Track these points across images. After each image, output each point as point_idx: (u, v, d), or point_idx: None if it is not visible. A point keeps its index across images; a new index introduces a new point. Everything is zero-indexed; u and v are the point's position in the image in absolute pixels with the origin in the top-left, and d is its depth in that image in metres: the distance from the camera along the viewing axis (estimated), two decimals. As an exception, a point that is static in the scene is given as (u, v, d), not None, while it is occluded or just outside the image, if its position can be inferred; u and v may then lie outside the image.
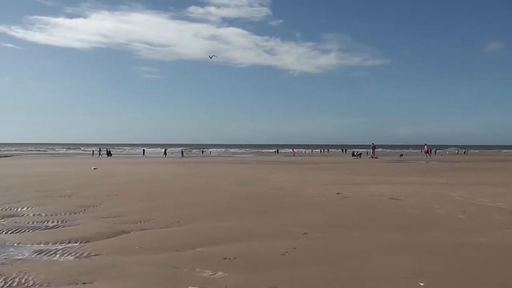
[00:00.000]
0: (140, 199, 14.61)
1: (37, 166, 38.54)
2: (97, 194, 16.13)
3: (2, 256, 7.51)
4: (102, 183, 20.37)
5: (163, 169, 32.98)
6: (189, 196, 15.59)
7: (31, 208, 12.87)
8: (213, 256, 7.18)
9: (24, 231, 9.74)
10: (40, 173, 27.62)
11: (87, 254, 7.56)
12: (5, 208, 13.00)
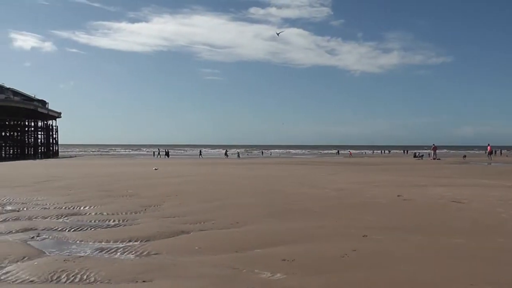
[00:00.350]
0: (200, 200, 14.92)
1: (99, 167, 39.92)
2: (157, 194, 16.59)
3: (65, 253, 7.92)
4: (163, 184, 20.91)
5: (223, 170, 33.40)
6: (248, 197, 15.78)
7: (93, 207, 13.43)
8: (272, 258, 7.28)
9: (87, 229, 10.19)
10: (102, 174, 28.63)
11: (147, 253, 7.83)
12: (68, 207, 13.64)
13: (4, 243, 8.57)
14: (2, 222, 11.23)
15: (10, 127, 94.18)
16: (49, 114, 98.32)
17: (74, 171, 31.56)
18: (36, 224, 10.70)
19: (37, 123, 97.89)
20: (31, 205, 14.09)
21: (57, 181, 22.59)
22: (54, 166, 42.34)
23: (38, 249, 8.20)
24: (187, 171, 31.93)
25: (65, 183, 21.06)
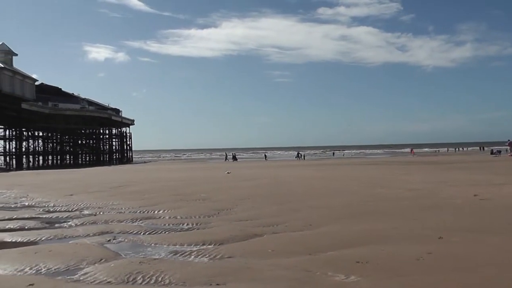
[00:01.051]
0: (272, 202, 14.93)
1: (172, 172, 40.73)
2: (230, 197, 16.74)
3: (140, 255, 8.10)
4: (235, 187, 21.08)
5: (293, 172, 33.27)
6: (320, 198, 15.65)
7: (167, 211, 13.71)
8: (346, 260, 7.18)
9: (161, 233, 10.41)
10: (175, 178, 29.19)
11: (221, 256, 7.87)
12: (143, 210, 14.01)
13: (82, 246, 8.85)
14: (80, 225, 11.67)
15: (86, 135, 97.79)
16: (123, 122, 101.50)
17: (148, 176, 32.32)
18: (112, 228, 11.03)
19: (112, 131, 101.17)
20: (107, 210, 14.55)
21: (132, 186, 23.21)
22: (128, 171, 43.56)
23: (114, 251, 8.43)
24: (259, 174, 32.06)
25: (139, 188, 21.61)
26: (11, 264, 7.58)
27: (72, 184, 25.89)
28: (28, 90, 65.17)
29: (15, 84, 60.91)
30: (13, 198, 19.26)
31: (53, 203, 16.64)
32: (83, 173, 42.22)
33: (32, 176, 37.80)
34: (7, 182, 30.43)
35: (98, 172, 43.91)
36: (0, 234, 10.75)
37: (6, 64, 59.71)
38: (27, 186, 25.22)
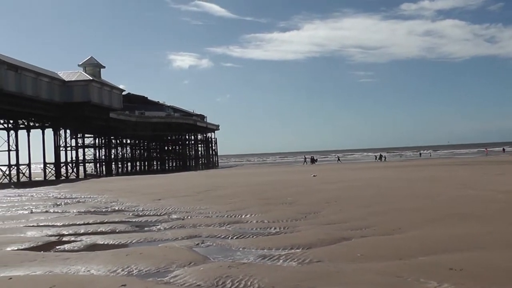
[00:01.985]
0: (359, 205, 14.69)
1: (257, 175, 40.98)
2: (316, 201, 16.59)
3: (229, 260, 8.15)
4: (321, 190, 20.87)
5: (378, 174, 32.65)
6: (408, 201, 15.23)
7: (254, 215, 13.78)
8: (438, 266, 6.91)
9: (249, 237, 10.45)
10: (261, 182, 29.33)
11: (309, 261, 7.80)
12: (230, 215, 14.15)
13: (172, 249, 9.03)
14: (169, 229, 11.94)
15: (172, 141, 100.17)
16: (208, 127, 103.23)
17: (234, 181, 32.66)
18: (200, 232, 11.19)
19: (197, 136, 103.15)
20: (194, 214, 14.82)
21: (218, 190, 23.52)
22: (214, 176, 44.20)
23: (203, 255, 8.54)
24: (344, 176, 31.70)
25: (226, 192, 21.87)
26: (104, 265, 7.86)
27: (160, 189, 26.58)
28: (115, 100, 67.61)
29: (103, 95, 63.37)
30: (104, 203, 20.02)
31: (142, 208, 17.15)
32: (170, 178, 43.26)
33: (121, 182, 39.16)
34: (98, 187, 31.71)
35: (184, 177, 44.85)
36: (93, 237, 11.21)
37: (95, 76, 62.22)
38: (116, 192, 26.16)
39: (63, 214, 16.45)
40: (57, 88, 57.91)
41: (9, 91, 48.82)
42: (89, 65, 63.36)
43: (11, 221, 15.13)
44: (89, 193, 26.48)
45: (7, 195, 28.26)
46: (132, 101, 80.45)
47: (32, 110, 55.12)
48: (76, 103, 59.01)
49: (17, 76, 50.43)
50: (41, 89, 54.38)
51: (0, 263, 8.36)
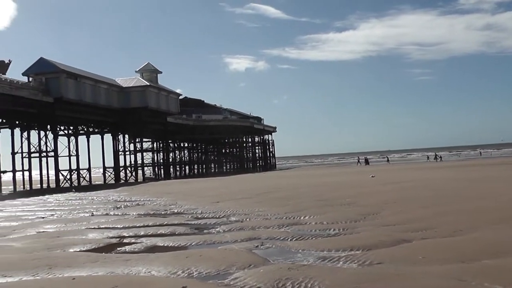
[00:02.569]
0: (418, 206, 14.39)
1: (315, 177, 40.80)
2: (375, 202, 16.36)
3: (289, 261, 8.12)
4: (380, 191, 20.60)
5: (436, 174, 31.94)
6: (468, 202, 14.76)
7: (312, 217, 13.68)
8: (504, 271, 6.63)
9: (308, 238, 10.38)
10: (318, 183, 29.17)
11: (370, 262, 7.67)
12: (288, 216, 14.10)
13: (231, 251, 9.06)
14: (228, 231, 11.99)
15: (230, 144, 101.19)
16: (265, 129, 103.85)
17: (291, 182, 32.59)
18: (259, 234, 11.19)
19: (254, 139, 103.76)
20: (253, 216, 14.84)
21: (276, 192, 23.51)
22: (272, 178, 44.26)
23: (262, 257, 8.51)
24: (402, 177, 31.12)
25: (284, 194, 21.82)
26: (164, 267, 7.95)
27: (218, 191, 26.80)
28: (173, 104, 68.66)
29: (160, 99, 64.49)
30: (163, 205, 20.34)
31: (200, 210, 17.32)
32: (228, 180, 43.55)
33: (179, 185, 39.70)
34: (156, 190, 32.25)
35: (242, 179, 45.09)
36: (152, 239, 11.39)
37: (152, 81, 63.38)
38: (175, 194, 26.54)
39: (123, 217, 16.81)
40: (115, 94, 59.36)
41: (69, 99, 50.41)
42: (146, 71, 64.62)
43: (73, 223, 15.58)
44: (148, 196, 26.97)
45: (69, 199, 29.12)
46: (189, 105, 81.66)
47: (91, 116, 56.77)
48: (134, 108, 60.34)
49: (77, 84, 52.02)
50: (99, 95, 55.90)
51: (64, 263, 8.59)
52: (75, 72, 53.24)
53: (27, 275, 7.99)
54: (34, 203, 27.49)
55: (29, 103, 47.07)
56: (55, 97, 49.24)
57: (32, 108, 47.62)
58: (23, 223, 16.54)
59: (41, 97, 48.10)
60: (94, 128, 63.13)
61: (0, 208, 24.33)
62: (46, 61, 50.78)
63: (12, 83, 45.30)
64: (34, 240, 12.37)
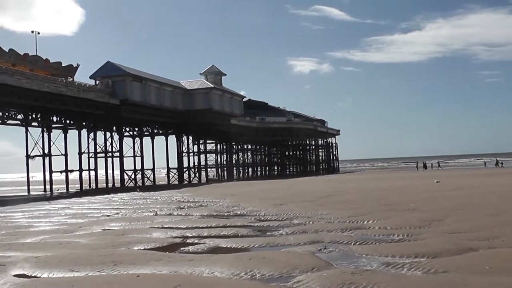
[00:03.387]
0: (484, 214, 14.05)
1: (378, 180, 40.30)
2: (440, 208, 16.07)
3: (352, 266, 8.06)
4: (445, 197, 20.23)
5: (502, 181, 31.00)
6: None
7: (376, 221, 13.55)
8: None
9: (371, 243, 10.28)
10: (382, 187, 28.81)
11: (435, 271, 7.51)
12: (352, 220, 14.01)
13: (294, 254, 9.06)
14: (291, 234, 12.00)
15: (293, 146, 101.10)
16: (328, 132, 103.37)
17: (355, 186, 32.33)
18: (322, 237, 11.15)
19: (318, 141, 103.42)
20: (316, 219, 14.81)
21: (339, 196, 23.36)
22: (335, 181, 44.01)
23: (325, 261, 8.49)
24: (468, 183, 30.39)
25: (347, 198, 21.68)
26: (227, 268, 8.04)
27: (281, 194, 26.85)
28: (236, 106, 69.21)
29: (224, 102, 65.13)
30: (226, 207, 20.51)
31: (263, 212, 17.38)
32: (291, 183, 43.55)
33: (242, 187, 39.98)
34: (219, 192, 32.56)
35: (305, 182, 44.98)
36: (216, 240, 11.52)
37: (216, 84, 64.08)
38: (238, 196, 26.73)
39: (186, 217, 17.05)
40: (180, 96, 60.34)
41: (134, 101, 51.68)
42: (211, 73, 65.37)
43: (137, 222, 15.95)
44: (211, 197, 27.26)
45: (133, 198, 29.78)
46: (252, 107, 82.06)
47: (156, 118, 57.88)
48: (198, 110, 61.17)
49: (142, 86, 53.24)
50: (164, 98, 56.99)
51: (128, 261, 8.82)
52: (141, 75, 54.48)
53: (93, 270, 8.28)
54: (99, 201, 28.31)
55: (96, 105, 48.57)
56: (121, 99, 50.58)
57: (98, 110, 49.08)
58: (89, 221, 17.08)
59: (107, 99, 49.52)
60: (158, 130, 64.33)
61: (67, 206, 25.17)
62: (113, 65, 52.25)
63: (80, 86, 46.89)
64: (100, 237, 12.78)
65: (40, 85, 40.94)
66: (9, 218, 19.84)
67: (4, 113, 45.32)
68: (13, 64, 40.70)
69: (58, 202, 29.05)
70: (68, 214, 20.16)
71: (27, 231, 14.97)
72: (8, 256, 10.13)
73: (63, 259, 9.29)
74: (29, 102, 41.69)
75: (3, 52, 40.52)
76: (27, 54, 43.68)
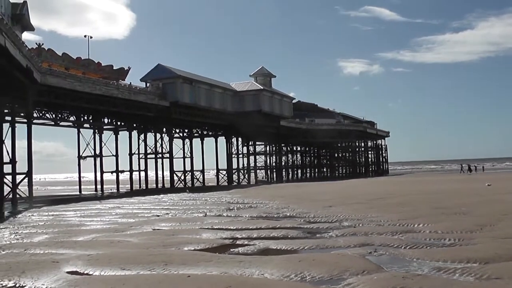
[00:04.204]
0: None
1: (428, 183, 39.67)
2: (492, 212, 15.78)
3: (403, 270, 7.97)
4: (497, 200, 19.88)
5: None
6: None
7: (427, 225, 13.33)
8: None
9: (422, 247, 10.14)
10: (432, 190, 28.37)
11: (487, 277, 7.35)
12: (402, 223, 13.84)
13: (344, 257, 9.04)
14: (341, 236, 11.96)
15: (342, 148, 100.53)
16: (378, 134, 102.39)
17: (404, 188, 31.95)
18: (372, 240, 11.09)
19: (367, 143, 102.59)
20: (366, 221, 14.72)
21: (389, 198, 23.13)
22: (384, 183, 43.55)
23: (376, 264, 8.44)
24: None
25: (397, 200, 21.44)
26: (277, 269, 8.06)
27: (330, 196, 26.74)
28: (286, 108, 69.19)
29: (274, 103, 65.21)
30: (275, 208, 20.56)
31: (313, 214, 17.35)
32: (340, 185, 43.33)
33: (291, 188, 39.98)
34: (268, 193, 32.65)
35: (355, 184, 44.68)
36: (265, 241, 11.56)
37: (265, 85, 64.25)
38: (287, 198, 26.76)
39: (236, 218, 17.16)
40: (229, 98, 60.71)
41: (184, 103, 52.26)
42: (260, 75, 65.58)
43: (187, 222, 16.13)
44: (260, 198, 27.36)
45: (183, 199, 30.13)
46: (302, 109, 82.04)
47: (206, 120, 58.36)
48: (248, 112, 61.37)
49: (192, 88, 53.78)
50: (214, 99, 57.43)
51: (179, 261, 8.95)
52: (191, 77, 55.08)
53: (144, 269, 8.43)
54: (149, 201, 28.76)
55: (146, 107, 49.34)
56: (171, 101, 51.22)
57: (149, 112, 49.80)
58: (140, 220, 17.38)
59: (157, 101, 50.25)
60: (208, 131, 64.93)
61: (118, 205, 25.69)
62: (163, 67, 53.00)
63: (131, 88, 47.74)
64: (150, 236, 13.00)
65: (92, 88, 41.88)
66: (62, 216, 20.39)
67: (57, 115, 46.65)
68: (66, 67, 41.74)
69: (109, 202, 29.73)
70: (119, 214, 20.58)
71: (79, 229, 15.38)
72: (61, 254, 10.43)
73: (114, 257, 9.50)
74: (81, 104, 42.62)
75: (56, 56, 41.61)
76: (80, 58, 44.76)
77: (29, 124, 35.00)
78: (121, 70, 49.58)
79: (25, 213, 23.06)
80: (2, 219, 20.30)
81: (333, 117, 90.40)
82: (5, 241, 12.92)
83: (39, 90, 35.70)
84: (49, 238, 13.26)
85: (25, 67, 29.18)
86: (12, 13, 30.90)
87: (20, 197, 32.35)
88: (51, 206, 26.91)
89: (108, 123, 51.71)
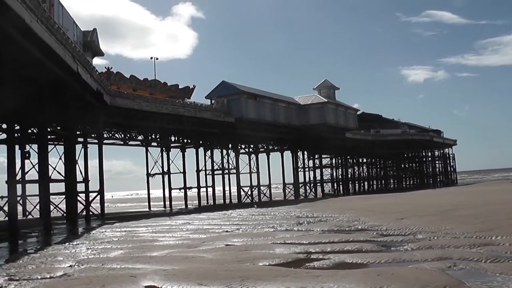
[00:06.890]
0: None
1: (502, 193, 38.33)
2: None
3: (486, 285, 7.73)
4: None
5: None
6: None
7: (506, 237, 12.79)
8: None
9: (504, 261, 9.75)
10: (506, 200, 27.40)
11: None
12: (479, 236, 13.38)
13: (423, 271, 8.81)
14: (416, 250, 11.69)
15: (408, 158, 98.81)
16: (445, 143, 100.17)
17: (476, 198, 30.96)
18: (450, 253, 10.77)
19: (434, 153, 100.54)
20: (440, 234, 14.33)
21: (462, 209, 22.44)
22: (454, 194, 42.39)
23: (457, 279, 8.18)
24: None
25: (471, 212, 20.78)
26: (356, 284, 7.94)
27: (400, 208, 26.21)
28: (351, 120, 68.61)
29: (338, 115, 64.77)
30: (346, 221, 20.34)
31: (385, 227, 17.07)
32: (409, 196, 42.48)
33: (360, 201, 39.47)
34: (337, 206, 32.34)
35: (424, 195, 43.71)
36: (340, 255, 11.42)
37: (329, 98, 63.93)
38: (357, 210, 26.41)
39: (307, 233, 17.06)
40: (294, 112, 60.78)
41: (249, 118, 52.65)
42: (324, 88, 65.37)
43: (258, 237, 16.13)
44: (330, 212, 27.10)
45: (251, 214, 30.17)
46: (366, 120, 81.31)
47: (271, 134, 58.65)
48: (313, 125, 61.24)
49: (256, 103, 54.19)
50: (278, 114, 57.65)
51: (255, 276, 8.95)
52: (255, 92, 55.51)
53: (221, 285, 8.47)
54: (218, 217, 28.91)
55: (212, 123, 50.01)
56: (236, 117, 51.72)
57: (214, 128, 50.47)
58: (211, 236, 17.50)
59: (223, 118, 50.83)
60: (273, 146, 65.12)
61: (188, 221, 25.98)
62: (227, 84, 53.65)
63: (196, 106, 48.55)
64: (224, 252, 13.06)
65: (159, 107, 42.81)
66: (134, 232, 20.81)
67: (125, 135, 48.11)
68: (134, 89, 42.90)
69: (179, 218, 30.13)
70: (190, 229, 20.79)
71: (152, 245, 15.63)
72: (138, 268, 10.64)
73: (191, 272, 9.58)
74: (149, 124, 43.69)
75: (125, 79, 42.83)
76: (147, 79, 45.85)
77: (100, 145, 36.23)
78: (187, 89, 50.45)
79: (98, 229, 23.72)
80: (78, 235, 20.95)
81: (398, 127, 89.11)
82: (82, 256, 13.33)
83: (109, 111, 36.92)
84: (124, 253, 13.57)
85: (96, 90, 30.12)
86: (83, 40, 32.20)
87: (92, 214, 33.56)
88: (123, 222, 27.57)
89: (175, 141, 52.69)
